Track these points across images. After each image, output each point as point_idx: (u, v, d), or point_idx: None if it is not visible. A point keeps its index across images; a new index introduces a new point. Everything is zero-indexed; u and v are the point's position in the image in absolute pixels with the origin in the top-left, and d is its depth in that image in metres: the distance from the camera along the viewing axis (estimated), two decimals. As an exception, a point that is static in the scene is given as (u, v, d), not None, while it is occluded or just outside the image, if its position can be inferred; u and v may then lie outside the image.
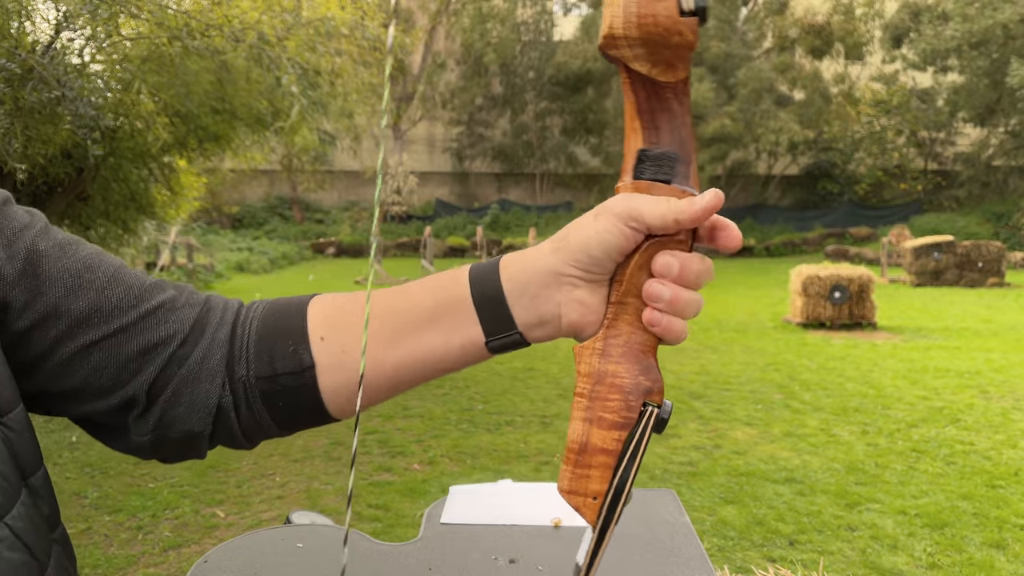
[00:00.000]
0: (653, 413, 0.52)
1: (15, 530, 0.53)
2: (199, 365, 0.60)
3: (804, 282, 9.34)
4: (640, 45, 0.47)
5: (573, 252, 0.54)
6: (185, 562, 3.21)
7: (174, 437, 0.61)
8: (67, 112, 4.23)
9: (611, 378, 0.52)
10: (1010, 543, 3.35)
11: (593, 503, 0.52)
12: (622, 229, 0.52)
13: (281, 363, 0.60)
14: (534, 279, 0.56)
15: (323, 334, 0.61)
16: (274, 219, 27.46)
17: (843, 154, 27.36)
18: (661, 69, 0.49)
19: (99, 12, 4.38)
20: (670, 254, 0.53)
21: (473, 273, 0.59)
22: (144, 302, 0.60)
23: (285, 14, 5.23)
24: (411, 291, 0.61)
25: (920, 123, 26.04)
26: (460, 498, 1.40)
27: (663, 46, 0.47)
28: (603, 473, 0.52)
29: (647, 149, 0.51)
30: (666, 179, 0.52)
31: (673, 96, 0.50)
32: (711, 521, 3.60)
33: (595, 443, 0.52)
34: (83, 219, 6.02)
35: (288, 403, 0.61)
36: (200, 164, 7.55)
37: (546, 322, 0.57)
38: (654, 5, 0.46)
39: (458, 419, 5.38)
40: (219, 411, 0.61)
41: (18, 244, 0.57)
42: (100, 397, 0.59)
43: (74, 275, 0.58)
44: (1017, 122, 23.56)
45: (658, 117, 0.51)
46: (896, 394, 6.05)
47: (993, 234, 22.24)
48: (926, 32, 23.90)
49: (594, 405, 0.52)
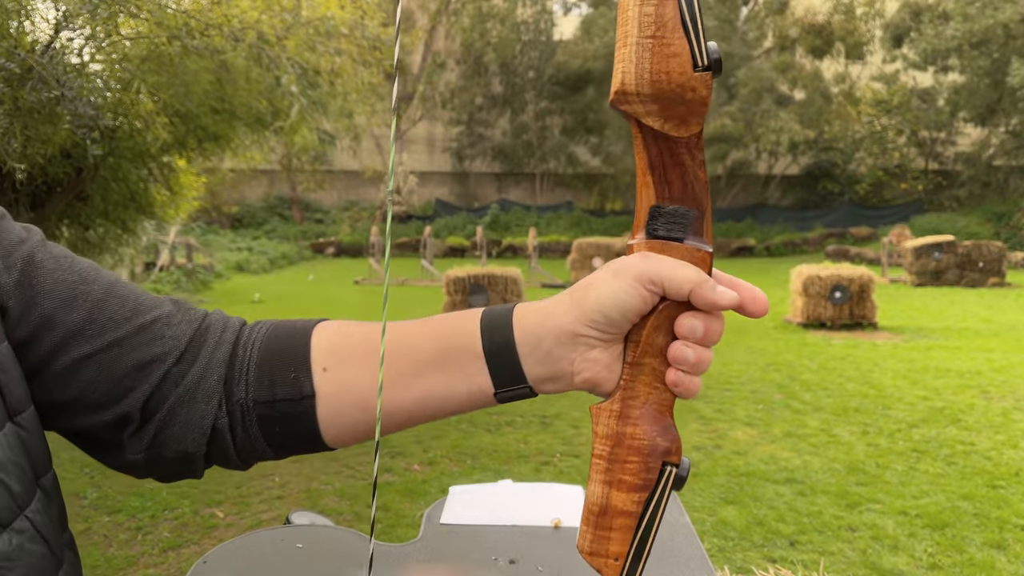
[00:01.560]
0: (672, 473, 0.52)
1: (35, 524, 0.53)
2: (195, 385, 0.60)
3: (805, 282, 9.34)
4: (652, 101, 0.47)
5: (589, 313, 0.54)
6: (184, 562, 3.21)
7: (168, 456, 0.61)
8: (66, 112, 4.23)
9: (629, 440, 0.52)
10: (1011, 543, 3.35)
11: (615, 564, 0.53)
12: (640, 291, 0.52)
13: (281, 389, 0.60)
14: (548, 336, 0.55)
15: (326, 364, 0.60)
16: (274, 219, 27.47)
17: (843, 154, 27.36)
18: (674, 124, 0.48)
19: (98, 12, 4.38)
20: (694, 316, 0.52)
21: (485, 321, 0.58)
22: (139, 316, 0.60)
23: (285, 14, 5.22)
24: (421, 332, 0.60)
25: (920, 123, 26.05)
26: (460, 498, 1.39)
27: (677, 102, 0.47)
28: (624, 535, 0.52)
29: (660, 206, 0.51)
30: (679, 237, 0.51)
31: (686, 151, 0.50)
32: (711, 521, 3.60)
33: (615, 505, 0.52)
34: (82, 219, 6.01)
35: (285, 429, 0.61)
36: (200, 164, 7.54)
37: (558, 378, 0.57)
38: (668, 62, 0.46)
39: (458, 419, 5.38)
40: (215, 432, 0.60)
41: (15, 256, 0.57)
42: (93, 412, 0.59)
43: (69, 287, 0.58)
44: (1018, 122, 23.56)
45: (670, 172, 0.50)
46: (896, 394, 6.05)
47: (994, 234, 22.23)
48: (927, 32, 23.90)
49: (613, 467, 0.52)
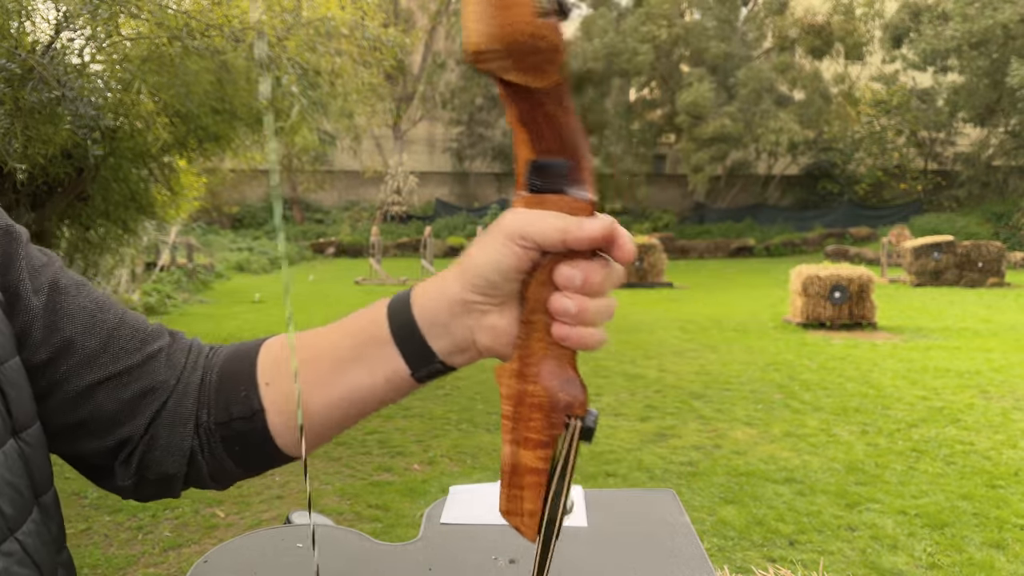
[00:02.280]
0: (577, 425, 0.52)
1: (25, 546, 0.53)
2: (174, 410, 0.62)
3: (804, 282, 9.34)
4: (506, 56, 0.46)
5: (471, 278, 0.54)
6: (185, 562, 3.21)
7: (151, 479, 0.63)
8: (67, 112, 4.23)
9: (530, 398, 0.52)
10: (1010, 543, 3.35)
11: (530, 521, 0.53)
12: (512, 249, 0.51)
13: (235, 408, 0.62)
14: (442, 308, 0.56)
15: (268, 379, 0.62)
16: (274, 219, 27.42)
17: (843, 154, 27.37)
18: (533, 75, 0.47)
19: (99, 12, 4.38)
20: (570, 265, 0.51)
21: (391, 308, 0.58)
22: (147, 346, 0.62)
23: (285, 14, 5.23)
24: (337, 331, 0.62)
25: (920, 123, 26.04)
26: (460, 498, 1.40)
27: (528, 52, 0.46)
28: (535, 492, 0.52)
29: (536, 160, 0.50)
30: (558, 189, 0.51)
31: (551, 101, 0.49)
32: (711, 521, 3.60)
33: (524, 463, 0.52)
34: (83, 219, 6.02)
35: (244, 446, 0.63)
36: (200, 164, 7.55)
37: (464, 349, 0.56)
38: (510, 14, 0.45)
39: (458, 419, 5.38)
40: (191, 455, 0.63)
41: (41, 279, 0.59)
42: (97, 436, 0.61)
43: (89, 314, 0.61)
44: (1017, 122, 23.56)
45: (541, 125, 0.49)
46: (896, 394, 6.05)
47: (993, 234, 22.23)
48: (926, 32, 23.90)
49: (518, 427, 0.52)
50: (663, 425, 5.21)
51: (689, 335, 9.10)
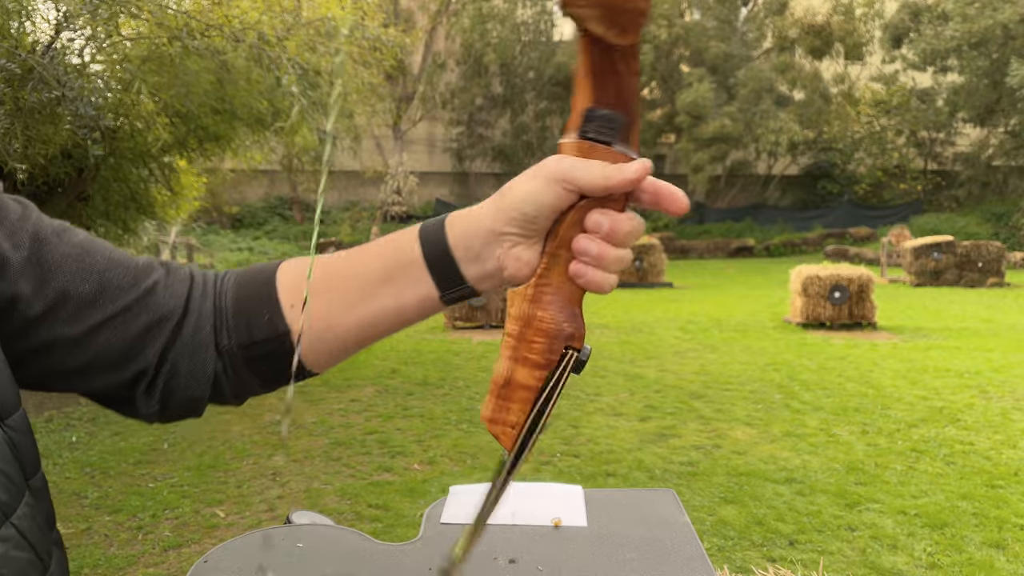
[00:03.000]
0: (573, 356, 0.56)
1: (21, 530, 0.54)
2: (192, 337, 0.64)
3: (804, 282, 9.34)
4: (597, 6, 0.49)
5: (508, 211, 0.57)
6: (185, 562, 3.21)
7: (177, 403, 0.65)
8: (67, 112, 4.23)
9: (538, 322, 0.56)
10: (1010, 543, 3.35)
11: (511, 431, 0.57)
12: (555, 189, 0.55)
13: (259, 331, 0.64)
14: (476, 237, 0.59)
15: (292, 301, 0.64)
16: (274, 219, 27.45)
17: (843, 154, 27.37)
18: (615, 32, 0.50)
19: (99, 12, 4.38)
20: (601, 212, 0.55)
21: (423, 233, 0.62)
22: (142, 281, 0.63)
23: (285, 14, 5.23)
24: (366, 254, 0.65)
25: (920, 123, 26.04)
26: (460, 498, 1.40)
27: (619, 10, 0.49)
28: (523, 407, 0.56)
29: (594, 109, 0.53)
30: (607, 140, 0.54)
31: (622, 59, 0.52)
32: (711, 521, 3.60)
33: (518, 379, 0.56)
34: (83, 219, 6.02)
35: (271, 365, 0.65)
36: (200, 164, 7.55)
37: (491, 275, 0.60)
38: None
39: (458, 419, 5.38)
40: (215, 376, 0.65)
41: (20, 234, 0.59)
42: (111, 372, 0.62)
43: (76, 259, 0.61)
44: (1017, 122, 23.56)
45: (607, 79, 0.52)
46: (896, 394, 6.05)
47: (993, 234, 22.23)
48: (926, 32, 23.90)
49: (520, 346, 0.56)
50: (663, 425, 5.21)
51: (689, 335, 9.10)
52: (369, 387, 6.31)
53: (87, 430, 5.15)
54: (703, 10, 27.05)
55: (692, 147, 25.19)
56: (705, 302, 12.50)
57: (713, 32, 26.12)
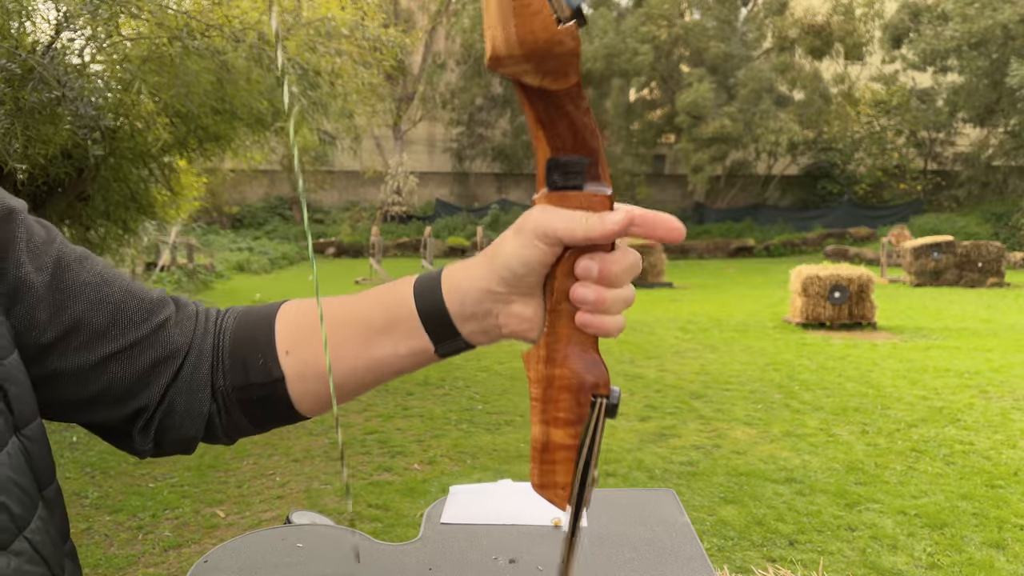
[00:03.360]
0: (602, 404, 0.56)
1: (34, 544, 0.54)
2: (191, 375, 0.64)
3: (804, 282, 9.34)
4: (525, 61, 0.48)
5: (499, 270, 0.57)
6: (185, 562, 3.21)
7: (171, 441, 0.66)
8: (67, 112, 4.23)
9: (559, 380, 0.56)
10: (1010, 543, 3.35)
11: (563, 492, 0.57)
12: (538, 245, 0.54)
13: (254, 375, 0.64)
14: (470, 296, 0.59)
15: (288, 348, 0.65)
16: (274, 219, 27.46)
17: (843, 154, 27.37)
18: (552, 79, 0.49)
19: (99, 12, 4.38)
20: (588, 258, 0.54)
21: (418, 288, 0.62)
22: (154, 317, 0.64)
23: (285, 14, 5.23)
24: (364, 303, 0.65)
25: (920, 123, 26.04)
26: (460, 498, 1.40)
27: (548, 57, 0.48)
28: (566, 466, 0.56)
29: (555, 158, 0.53)
30: (577, 185, 0.53)
31: (569, 101, 0.51)
32: (711, 521, 3.60)
33: (555, 441, 0.56)
34: (83, 219, 6.02)
35: (263, 409, 0.66)
36: (200, 164, 7.55)
37: (487, 332, 0.60)
38: (531, 21, 0.47)
39: (458, 419, 5.38)
40: (208, 417, 0.65)
41: (44, 258, 0.60)
42: (114, 406, 0.62)
43: (94, 288, 0.61)
44: (1017, 122, 23.55)
45: (558, 124, 0.52)
46: (896, 394, 6.05)
47: (993, 234, 22.23)
48: (926, 32, 23.90)
49: (548, 407, 0.56)
50: (663, 425, 5.21)
51: (689, 335, 9.10)
52: (369, 387, 6.31)
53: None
54: (703, 10, 27.04)
55: (692, 147, 25.19)
56: (705, 302, 12.50)
57: (713, 32, 26.12)
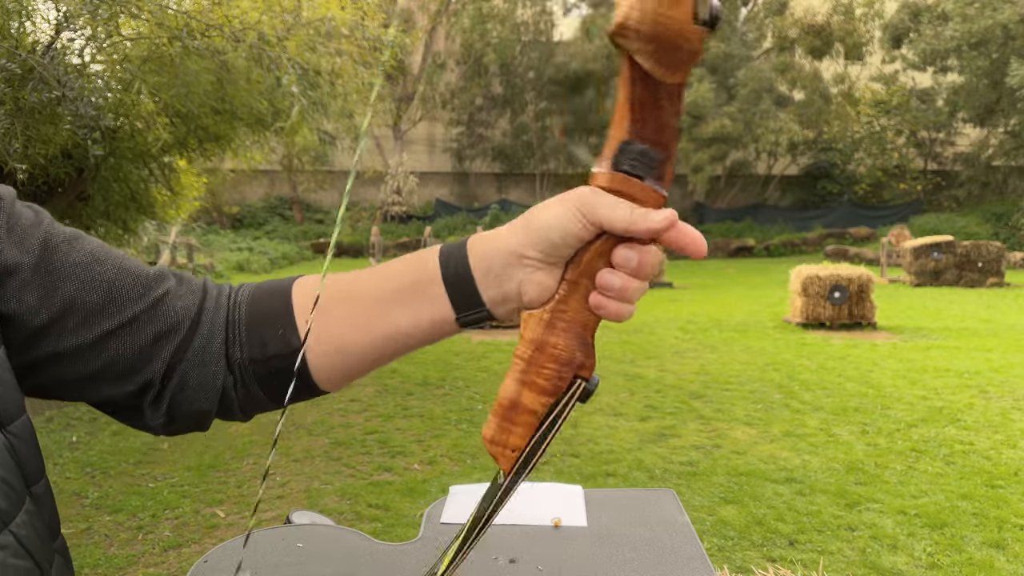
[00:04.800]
0: (581, 386, 0.56)
1: (19, 537, 0.54)
2: (203, 349, 0.64)
3: (804, 282, 9.35)
4: (649, 41, 0.48)
5: (533, 236, 0.57)
6: (185, 562, 3.21)
7: (184, 416, 0.65)
8: (67, 112, 4.23)
9: (551, 348, 0.56)
10: (1010, 543, 3.35)
11: (511, 455, 0.57)
12: (582, 221, 0.55)
13: (272, 346, 0.64)
14: (498, 259, 0.59)
15: (307, 318, 0.64)
16: (274, 219, 27.46)
17: (843, 154, 27.37)
18: (664, 69, 0.49)
19: (99, 12, 4.38)
20: (630, 248, 0.55)
21: (443, 254, 0.61)
22: (151, 292, 0.63)
23: (285, 14, 5.23)
24: (383, 272, 0.64)
25: (920, 123, 26.04)
26: (460, 498, 1.40)
27: (672, 48, 0.48)
28: (526, 431, 0.56)
29: (631, 141, 0.53)
30: (641, 175, 0.53)
31: (667, 96, 0.51)
32: (711, 521, 3.60)
33: (525, 403, 0.56)
34: (83, 219, 6.01)
35: (282, 381, 0.65)
36: (200, 164, 7.54)
37: (509, 299, 0.59)
38: (673, 7, 0.47)
39: (458, 419, 5.38)
40: (223, 390, 0.65)
41: (30, 240, 0.59)
42: (118, 382, 0.62)
43: (85, 268, 0.61)
44: (1017, 122, 23.56)
45: (648, 112, 0.52)
46: (896, 394, 6.05)
47: (993, 234, 22.23)
48: (926, 32, 23.90)
49: (530, 369, 0.56)
50: (663, 425, 5.21)
51: (689, 335, 9.10)
52: (369, 387, 6.31)
53: (87, 430, 5.15)
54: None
55: (692, 147, 25.19)
56: (705, 302, 12.50)
57: (713, 32, 26.10)
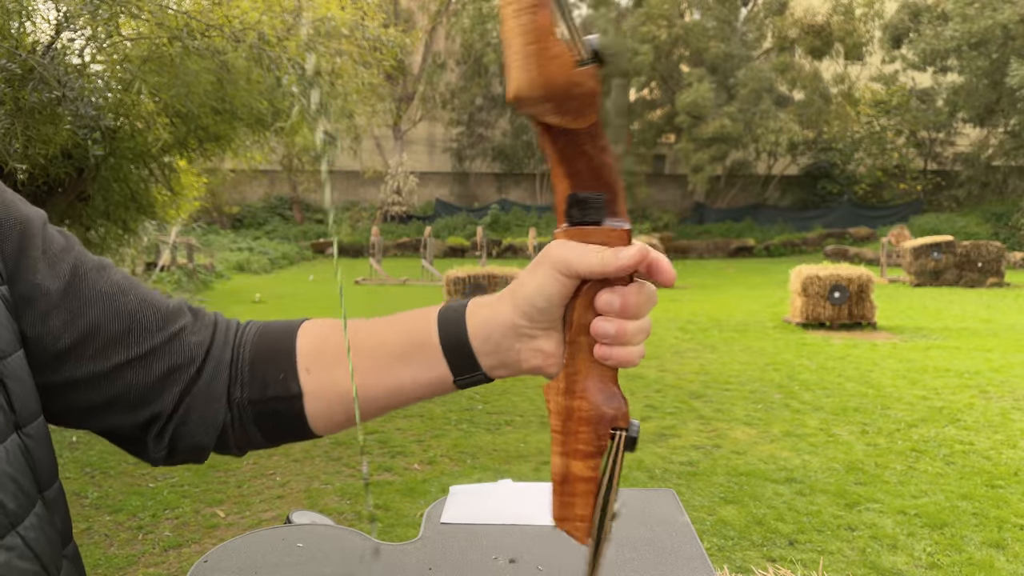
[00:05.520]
0: (622, 437, 0.56)
1: (27, 540, 0.54)
2: (208, 386, 0.64)
3: (804, 282, 9.34)
4: (546, 101, 0.50)
5: (521, 304, 0.58)
6: (185, 562, 3.21)
7: (183, 449, 0.66)
8: (67, 112, 4.23)
9: (578, 413, 0.56)
10: (1010, 543, 3.35)
11: (582, 525, 0.57)
12: (557, 278, 0.55)
13: (272, 389, 0.65)
14: (495, 331, 0.60)
15: (308, 366, 0.65)
16: (274, 219, 27.46)
17: (843, 154, 27.36)
18: (571, 118, 0.51)
19: (99, 12, 4.39)
20: (609, 291, 0.55)
21: (442, 319, 0.63)
22: (169, 326, 0.64)
23: (285, 14, 5.23)
24: (386, 329, 0.66)
25: (920, 123, 26.03)
26: (460, 498, 1.40)
27: (567, 98, 0.50)
28: (586, 499, 0.56)
29: (575, 194, 0.54)
30: (596, 220, 0.55)
31: (587, 140, 0.52)
32: (711, 521, 3.60)
33: (575, 473, 0.56)
34: (83, 219, 6.01)
35: (277, 423, 0.66)
36: (200, 164, 7.54)
37: (507, 365, 0.61)
38: (551, 64, 0.48)
39: (458, 419, 5.38)
40: (221, 427, 0.66)
41: (62, 265, 0.60)
42: (128, 412, 0.63)
43: (111, 298, 0.62)
44: (1016, 122, 23.55)
45: (578, 162, 0.53)
46: (896, 394, 6.05)
47: (992, 234, 22.23)
48: (926, 32, 23.89)
49: (568, 440, 0.56)
50: (663, 425, 5.21)
51: (689, 335, 9.11)
52: (369, 387, 6.31)
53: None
54: (703, 10, 27.03)
55: (692, 147, 25.19)
56: (705, 302, 12.50)
57: (713, 32, 26.12)
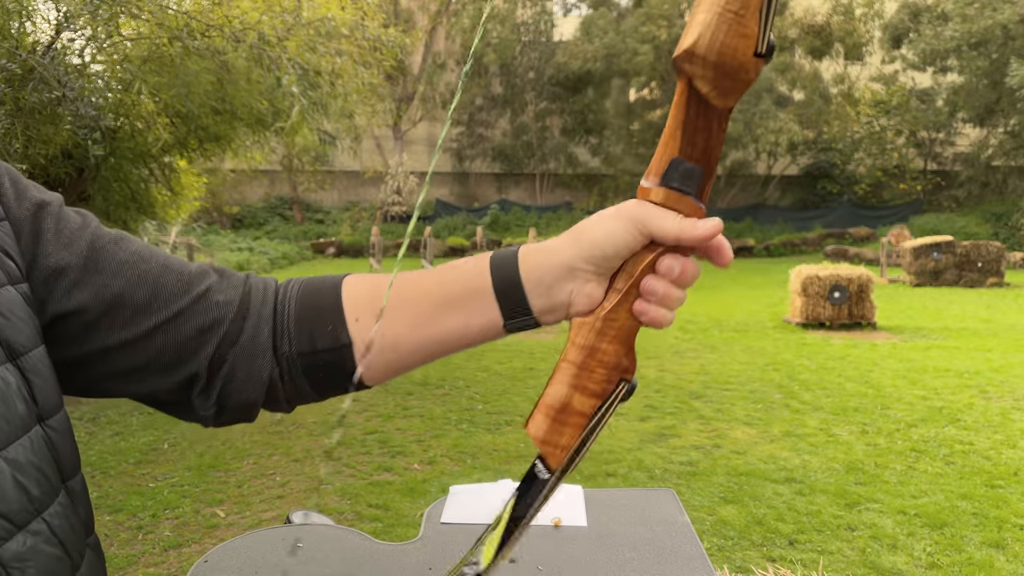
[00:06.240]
0: (624, 388, 0.60)
1: (52, 527, 0.56)
2: (251, 341, 0.66)
3: (804, 282, 9.34)
4: (712, 69, 0.52)
5: (587, 249, 0.60)
6: (185, 562, 3.22)
7: (233, 407, 0.67)
8: (68, 112, 4.23)
9: (601, 354, 0.59)
10: (1010, 543, 3.36)
11: (560, 453, 0.60)
12: (632, 232, 0.59)
13: (321, 341, 0.66)
14: (549, 272, 0.62)
15: (357, 316, 0.66)
16: (274, 219, 27.44)
17: (843, 154, 27.35)
18: (718, 94, 0.54)
19: (99, 12, 4.39)
20: (674, 258, 0.59)
21: (494, 263, 0.64)
22: (194, 287, 0.66)
23: (285, 14, 5.23)
24: (436, 276, 0.67)
25: (920, 123, 26.02)
26: (460, 498, 1.40)
27: (730, 76, 0.53)
28: (575, 431, 0.60)
29: (680, 160, 0.57)
30: (688, 192, 0.58)
31: (717, 120, 0.56)
32: (711, 521, 3.60)
33: (575, 406, 0.59)
34: (83, 219, 6.01)
35: (328, 375, 0.67)
36: (200, 164, 7.55)
37: (556, 309, 0.63)
38: (739, 41, 0.51)
39: (458, 419, 5.38)
40: (269, 382, 0.67)
41: (79, 243, 0.62)
42: (164, 374, 0.64)
43: (132, 266, 0.63)
44: (1016, 122, 23.55)
45: (699, 134, 0.56)
46: (895, 394, 6.05)
47: (992, 234, 22.23)
48: (925, 32, 23.89)
49: (582, 374, 0.59)
50: (663, 425, 5.21)
51: (689, 335, 9.10)
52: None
53: (87, 430, 5.15)
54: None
55: (692, 147, 25.15)
56: (705, 302, 12.49)
57: (713, 32, 26.08)
